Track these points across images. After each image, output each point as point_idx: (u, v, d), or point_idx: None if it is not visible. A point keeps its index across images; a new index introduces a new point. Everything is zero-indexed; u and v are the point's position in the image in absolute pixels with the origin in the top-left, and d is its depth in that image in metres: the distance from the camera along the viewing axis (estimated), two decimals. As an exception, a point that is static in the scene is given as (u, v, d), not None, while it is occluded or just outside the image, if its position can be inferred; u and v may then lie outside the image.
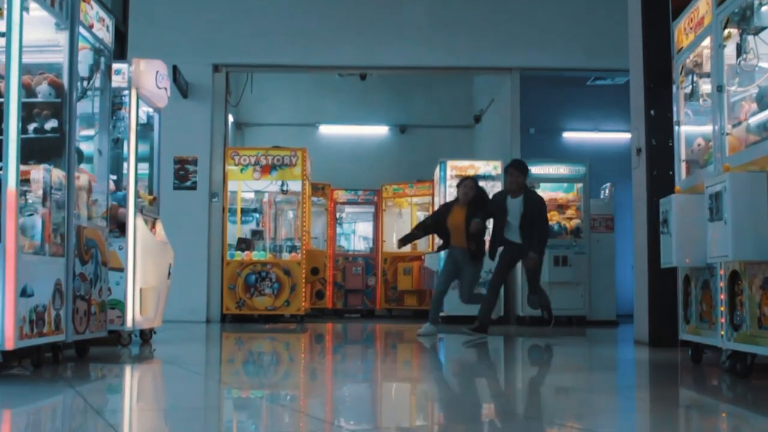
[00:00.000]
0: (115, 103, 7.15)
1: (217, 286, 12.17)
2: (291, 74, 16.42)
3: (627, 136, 17.12)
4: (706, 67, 5.52)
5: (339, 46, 12.52)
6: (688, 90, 5.75)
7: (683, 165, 5.80)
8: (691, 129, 5.91)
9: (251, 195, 13.17)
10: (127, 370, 5.62)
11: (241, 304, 11.98)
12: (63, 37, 5.28)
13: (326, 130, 17.02)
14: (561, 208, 12.23)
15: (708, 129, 5.56)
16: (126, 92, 7.08)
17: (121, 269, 6.84)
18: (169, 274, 7.53)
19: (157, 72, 7.33)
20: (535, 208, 8.99)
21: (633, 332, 9.93)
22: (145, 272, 6.99)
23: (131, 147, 7.00)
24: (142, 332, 7.51)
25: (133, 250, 6.88)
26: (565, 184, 12.33)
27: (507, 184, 9.21)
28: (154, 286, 7.15)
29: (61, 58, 5.30)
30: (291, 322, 12.08)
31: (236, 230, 12.54)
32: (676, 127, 5.90)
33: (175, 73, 11.63)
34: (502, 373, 5.96)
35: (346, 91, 16.64)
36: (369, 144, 17.01)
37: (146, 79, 7.17)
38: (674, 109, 5.99)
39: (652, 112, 7.51)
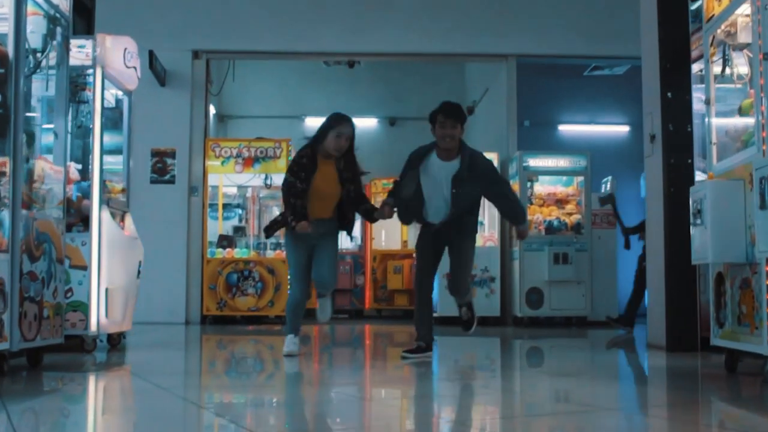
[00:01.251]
0: (78, 84, 6.47)
1: (196, 285, 11.47)
2: (275, 64, 15.76)
3: (625, 129, 16.67)
4: (742, 37, 4.87)
5: (325, 32, 11.85)
6: (719, 64, 5.09)
7: (713, 148, 5.15)
8: (722, 108, 5.25)
9: (233, 190, 12.48)
10: (81, 383, 4.93)
11: (222, 305, 11.29)
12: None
13: (312, 122, 16.26)
14: (560, 202, 11.59)
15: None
16: (90, 71, 6.38)
17: (85, 267, 6.16)
18: (139, 272, 6.84)
19: (125, 49, 6.64)
20: (491, 167, 6.31)
21: (643, 334, 9.35)
22: (111, 270, 6.30)
23: (96, 131, 6.31)
24: (110, 337, 6.82)
25: (97, 245, 6.19)
26: (564, 178, 11.70)
27: (440, 139, 6.09)
28: (121, 285, 6.46)
29: (6, 25, 4.60)
30: (275, 324, 11.40)
31: (217, 226, 11.85)
32: (705, 106, 5.25)
33: (152, 59, 10.92)
34: (504, 386, 5.30)
35: (333, 81, 15.96)
36: (358, 138, 16.19)
37: (113, 56, 6.48)
38: (705, 86, 5.33)
39: (669, 94, 6.87)
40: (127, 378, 5.12)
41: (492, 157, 11.65)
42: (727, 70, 5.07)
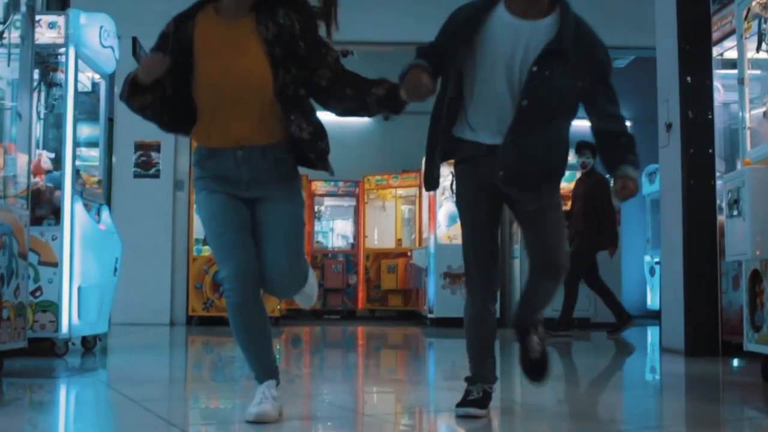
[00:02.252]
0: (49, 64, 5.96)
1: (182, 284, 10.93)
2: (266, 56, 15.22)
3: (627, 123, 16.13)
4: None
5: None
6: (754, 41, 4.61)
7: (747, 133, 4.66)
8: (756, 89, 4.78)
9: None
10: (38, 393, 4.40)
11: (208, 305, 10.76)
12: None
13: (304, 116, 15.77)
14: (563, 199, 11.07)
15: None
16: (62, 50, 5.86)
17: (55, 264, 5.64)
18: (116, 269, 6.32)
19: (101, 27, 6.13)
20: (606, 53, 3.66)
21: (654, 336, 8.90)
22: (84, 267, 5.79)
23: (68, 116, 5.79)
24: (84, 340, 6.29)
25: (69, 240, 5.68)
26: (568, 173, 11.16)
27: None
28: (96, 284, 5.94)
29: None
30: (264, 325, 10.86)
31: (200, 226, 11.29)
32: (738, 87, 4.77)
33: (135, 46, 10.34)
34: (504, 396, 4.81)
35: (325, 74, 15.41)
36: (349, 131, 15.78)
37: (87, 34, 5.96)
38: (738, 64, 4.85)
39: (688, 79, 6.38)
40: (94, 387, 4.59)
41: (491, 151, 11.23)
42: (764, 47, 4.59)
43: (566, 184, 11.06)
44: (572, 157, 7.77)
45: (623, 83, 15.39)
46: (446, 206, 10.92)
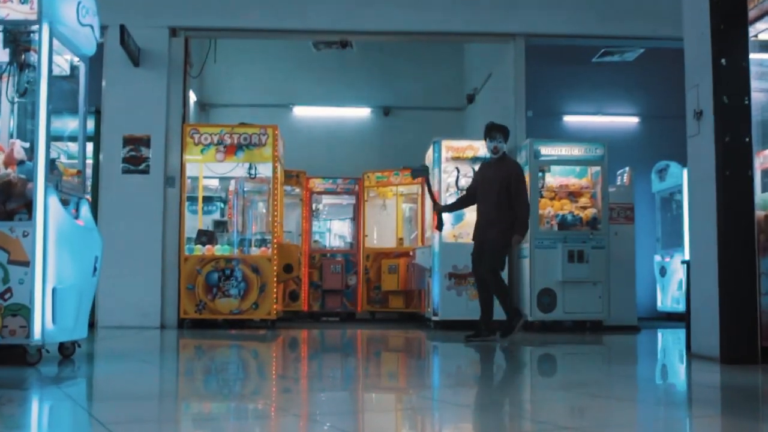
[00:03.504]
0: (21, 43, 5.40)
1: (173, 285, 10.38)
2: (261, 48, 14.74)
3: (634, 120, 15.69)
4: None
5: (315, 7, 10.79)
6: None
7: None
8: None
9: (215, 182, 11.40)
10: None
11: (201, 307, 10.21)
12: None
13: (301, 111, 15.33)
14: (573, 195, 10.56)
15: None
16: (35, 28, 5.30)
17: (27, 263, 5.09)
18: (96, 269, 5.76)
19: (78, 3, 5.57)
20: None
21: (675, 340, 8.38)
22: (60, 267, 5.24)
23: (42, 99, 5.23)
24: (62, 347, 5.74)
25: (42, 237, 5.12)
26: (578, 169, 10.66)
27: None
28: (73, 284, 5.39)
29: None
30: (260, 327, 10.33)
31: (196, 221, 10.77)
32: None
33: (123, 35, 9.85)
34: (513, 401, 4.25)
35: (323, 67, 14.93)
36: (349, 127, 15.30)
37: (63, 10, 5.40)
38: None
39: (723, 61, 5.83)
40: (58, 405, 4.01)
41: (499, 145, 10.67)
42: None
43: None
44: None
45: (629, 79, 14.97)
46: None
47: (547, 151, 10.27)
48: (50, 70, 5.28)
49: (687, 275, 7.18)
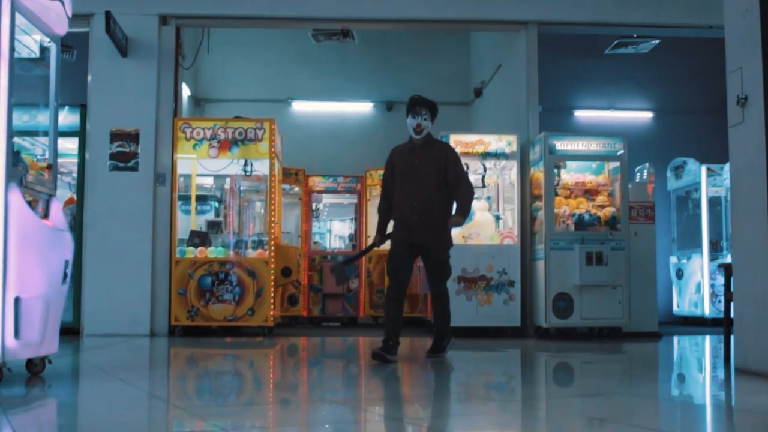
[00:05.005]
0: (-21, 19, 4.73)
1: (163, 290, 9.73)
2: (258, 39, 14.17)
3: (647, 115, 15.04)
4: None
5: (315, -6, 10.18)
6: None
7: None
8: None
9: (209, 180, 10.75)
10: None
11: (193, 314, 9.56)
12: None
13: (300, 106, 14.73)
14: (589, 193, 9.91)
15: None
16: (-4, 1, 4.65)
17: (-15, 269, 4.44)
18: (66, 275, 5.10)
19: (46, -27, 4.92)
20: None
21: (708, 350, 7.77)
22: (24, 273, 4.58)
23: (2, 83, 4.57)
24: (30, 363, 5.09)
25: (3, 239, 4.47)
26: (594, 165, 10.01)
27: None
28: (39, 293, 4.73)
29: None
30: (257, 335, 9.69)
31: (189, 222, 10.12)
32: None
33: (109, 22, 9.19)
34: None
35: (323, 60, 14.32)
36: (350, 123, 14.67)
37: (27, -19, 4.75)
38: None
39: (774, 38, 5.18)
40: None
41: (511, 140, 10.04)
42: None
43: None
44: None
45: (644, 72, 14.30)
46: (460, 202, 9.72)
47: (563, 146, 9.62)
48: (12, 49, 4.62)
49: (726, 279, 6.55)
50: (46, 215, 5.05)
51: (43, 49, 5.34)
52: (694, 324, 12.61)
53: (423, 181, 6.64)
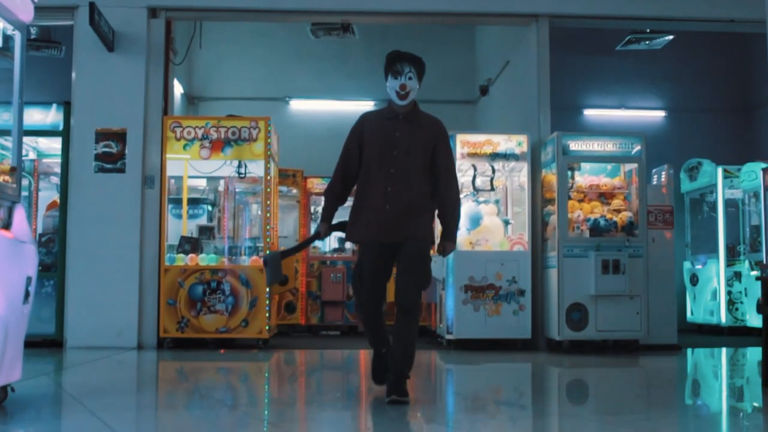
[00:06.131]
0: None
1: (152, 300, 9.14)
2: (254, 33, 13.69)
3: (659, 114, 14.46)
4: None
5: (313, -16, 9.61)
6: None
7: None
8: None
9: (201, 182, 10.18)
10: None
11: (184, 325, 8.98)
12: None
13: (298, 105, 14.22)
14: (604, 196, 9.33)
15: None
16: (-53, -18, 4.08)
17: (-68, 289, 3.86)
18: (28, 294, 4.51)
19: (6, -48, 4.34)
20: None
21: (737, 365, 7.26)
22: (-22, 293, 4.01)
23: (-48, 75, 4.00)
24: (-11, 391, 4.52)
25: (-48, 254, 3.90)
26: (609, 167, 9.42)
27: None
28: (-4, 316, 4.15)
29: None
30: (252, 347, 9.11)
31: (180, 226, 9.55)
32: None
33: (93, 14, 8.60)
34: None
35: (322, 57, 13.78)
36: (350, 122, 13.86)
37: (-17, -40, 4.18)
38: None
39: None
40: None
41: (521, 140, 9.46)
42: None
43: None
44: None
45: (656, 69, 13.69)
46: (467, 206, 9.16)
47: (577, 146, 9.03)
48: (-34, 37, 4.05)
49: (764, 292, 5.98)
50: (6, 225, 4.47)
51: (7, 38, 4.75)
52: (710, 332, 12.06)
53: (404, 163, 5.06)
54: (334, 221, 5.44)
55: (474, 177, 9.33)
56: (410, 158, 5.07)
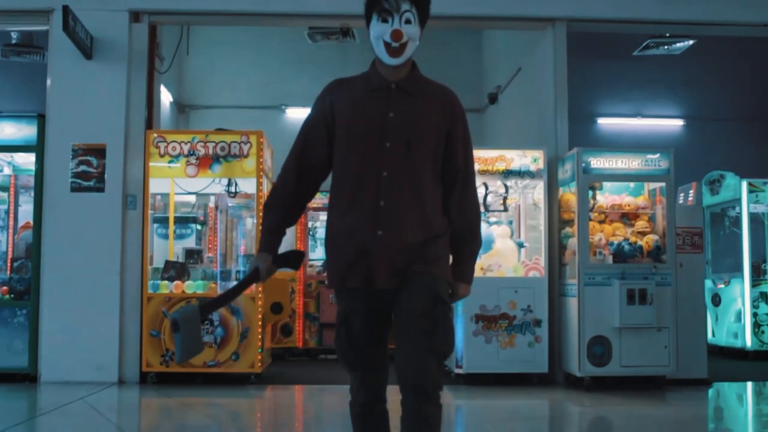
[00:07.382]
0: None
1: (134, 331, 8.36)
2: (249, 40, 12.92)
3: (678, 123, 13.70)
4: None
5: (310, -14, 8.86)
6: None
7: None
8: None
9: (190, 198, 9.42)
10: None
11: (168, 358, 8.21)
12: None
13: (295, 114, 13.57)
14: (627, 217, 8.56)
15: None
16: None
17: None
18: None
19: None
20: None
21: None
22: None
23: None
24: None
25: None
26: (632, 185, 8.65)
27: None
28: None
29: None
30: (243, 381, 8.34)
31: (166, 247, 8.80)
32: None
33: (68, 19, 7.82)
34: None
35: (320, 63, 13.04)
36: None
37: None
38: None
39: None
40: None
41: (537, 155, 8.68)
42: None
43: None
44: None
45: (674, 75, 12.88)
46: (478, 228, 8.39)
47: (599, 163, 8.24)
48: None
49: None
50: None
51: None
52: (733, 356, 11.31)
53: (403, 161, 3.22)
54: (281, 250, 3.43)
55: (485, 196, 8.55)
56: (412, 153, 3.21)
